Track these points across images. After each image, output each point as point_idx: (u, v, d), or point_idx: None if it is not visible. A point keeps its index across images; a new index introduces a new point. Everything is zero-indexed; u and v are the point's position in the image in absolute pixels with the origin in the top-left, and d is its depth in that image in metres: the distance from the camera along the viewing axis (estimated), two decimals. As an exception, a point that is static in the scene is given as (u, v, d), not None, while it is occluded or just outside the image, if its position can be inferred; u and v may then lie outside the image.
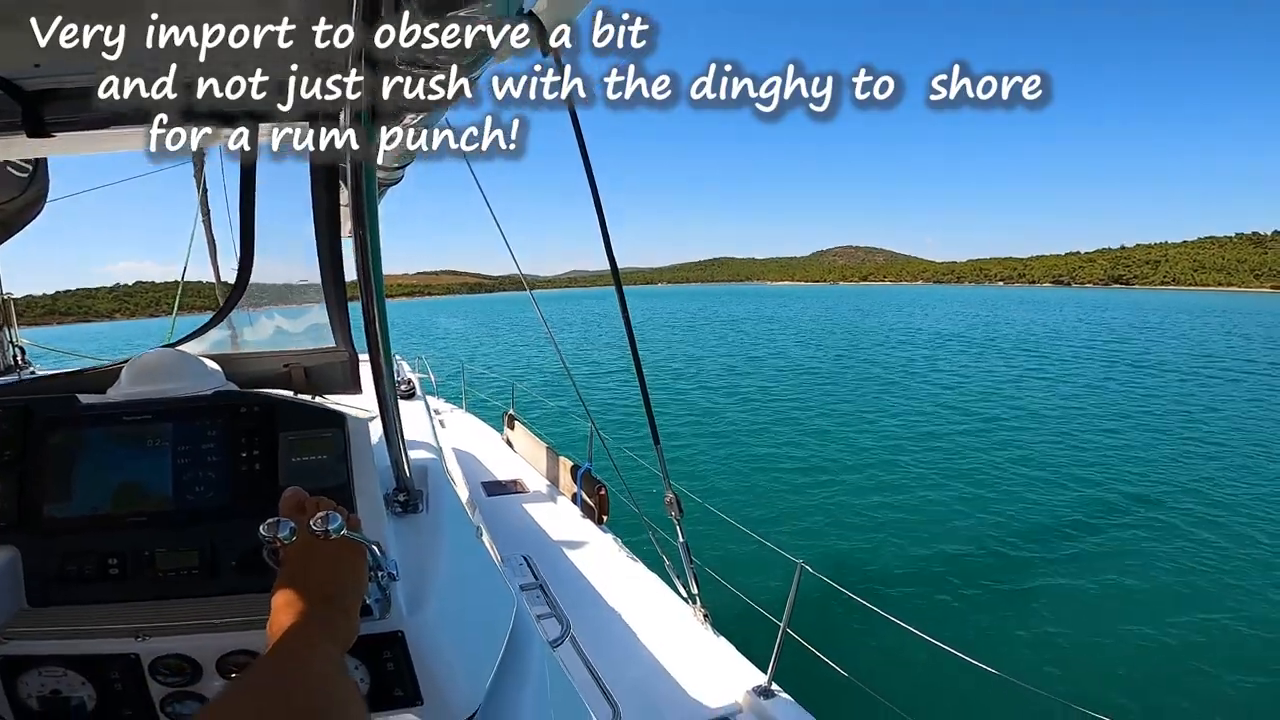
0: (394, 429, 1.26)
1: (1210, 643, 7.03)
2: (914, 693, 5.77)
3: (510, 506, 6.14)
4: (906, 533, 10.10)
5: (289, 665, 0.65)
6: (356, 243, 1.08)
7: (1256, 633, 7.23)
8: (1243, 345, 39.96)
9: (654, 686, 3.54)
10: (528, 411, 10.73)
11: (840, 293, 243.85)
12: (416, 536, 1.30)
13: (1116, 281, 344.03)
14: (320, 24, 0.95)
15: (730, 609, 4.72)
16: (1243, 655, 6.80)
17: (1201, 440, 16.00)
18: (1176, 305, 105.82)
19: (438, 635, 1.14)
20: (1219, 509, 11.07)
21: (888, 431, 16.91)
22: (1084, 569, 8.72)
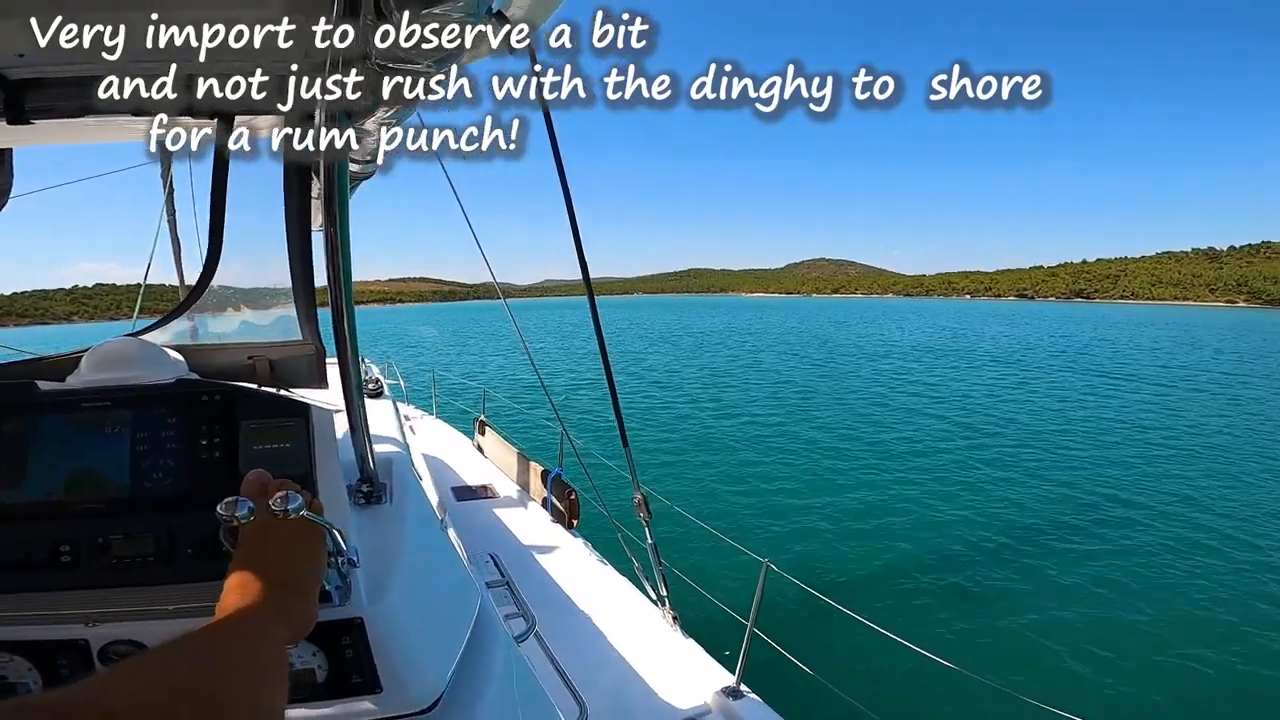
0: (359, 420, 1.28)
1: (1176, 642, 7.17)
2: (881, 692, 5.83)
3: (480, 511, 6.14)
4: (875, 533, 10.23)
5: (200, 641, 0.62)
6: (327, 239, 1.09)
7: (1225, 635, 7.40)
8: (1204, 357, 41.09)
9: (622, 687, 3.55)
10: (499, 418, 10.73)
11: (814, 305, 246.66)
12: (380, 526, 1.31)
13: (1078, 295, 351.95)
14: (292, 23, 0.94)
15: (700, 610, 4.76)
16: (1211, 655, 6.95)
17: (1167, 447, 16.45)
18: (1137, 319, 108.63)
19: (398, 624, 1.15)
20: (1186, 514, 11.37)
21: (859, 437, 17.08)
22: (1051, 570, 8.88)
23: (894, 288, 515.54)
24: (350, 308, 1.17)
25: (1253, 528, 10.83)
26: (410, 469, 1.57)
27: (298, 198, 1.47)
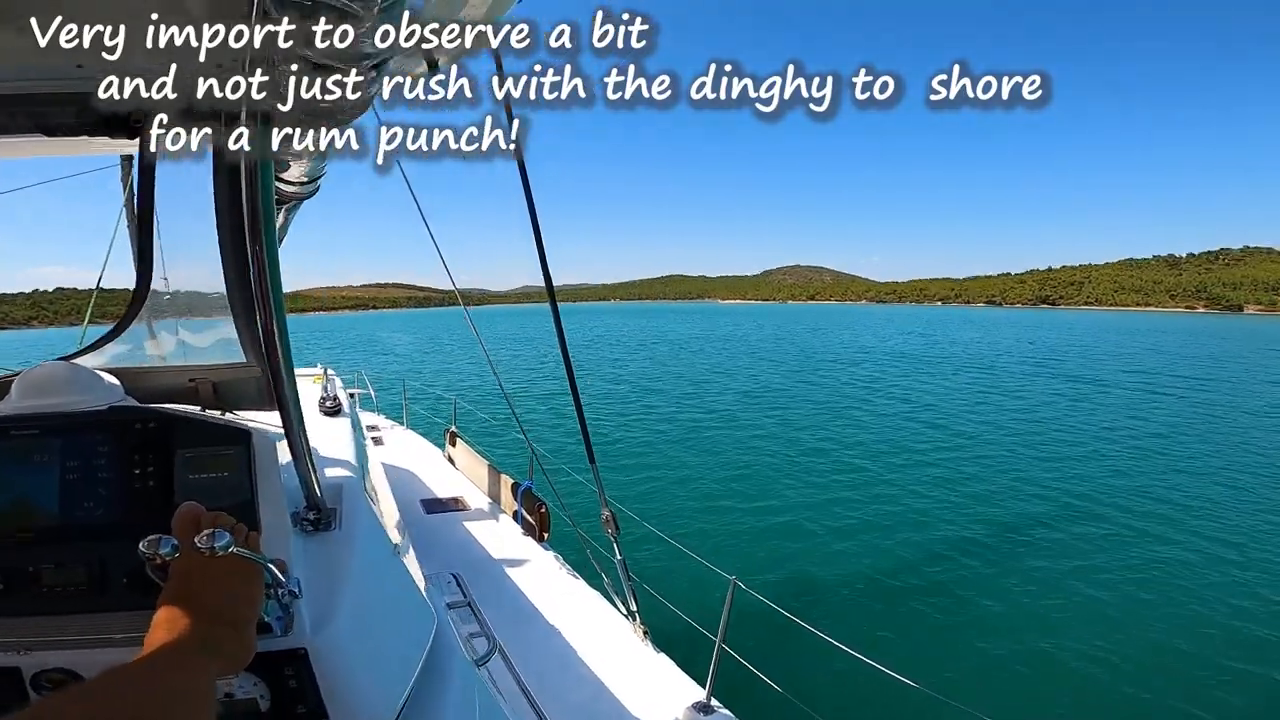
0: (300, 447, 1.26)
1: (1147, 654, 7.34)
2: (849, 710, 5.91)
3: (450, 524, 6.10)
4: (845, 548, 10.31)
5: (123, 676, 0.63)
6: (253, 257, 1.07)
7: (1189, 641, 7.62)
8: (1167, 362, 42.14)
9: (592, 704, 3.54)
10: (471, 429, 10.65)
11: (789, 311, 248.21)
12: (327, 554, 1.30)
13: (1044, 302, 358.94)
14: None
15: (670, 625, 4.74)
16: (1174, 663, 7.15)
17: (1133, 451, 16.89)
18: (1101, 325, 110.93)
19: (345, 652, 1.15)
20: (1152, 522, 11.60)
21: (831, 450, 17.25)
22: (1019, 585, 9.00)
23: (867, 294, 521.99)
24: (283, 329, 1.15)
25: (1217, 527, 11.16)
26: (362, 494, 1.56)
27: (230, 212, 1.44)
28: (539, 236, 2.98)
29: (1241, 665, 7.03)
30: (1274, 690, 6.64)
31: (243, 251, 1.44)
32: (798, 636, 3.90)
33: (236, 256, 1.47)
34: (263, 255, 1.06)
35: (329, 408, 3.03)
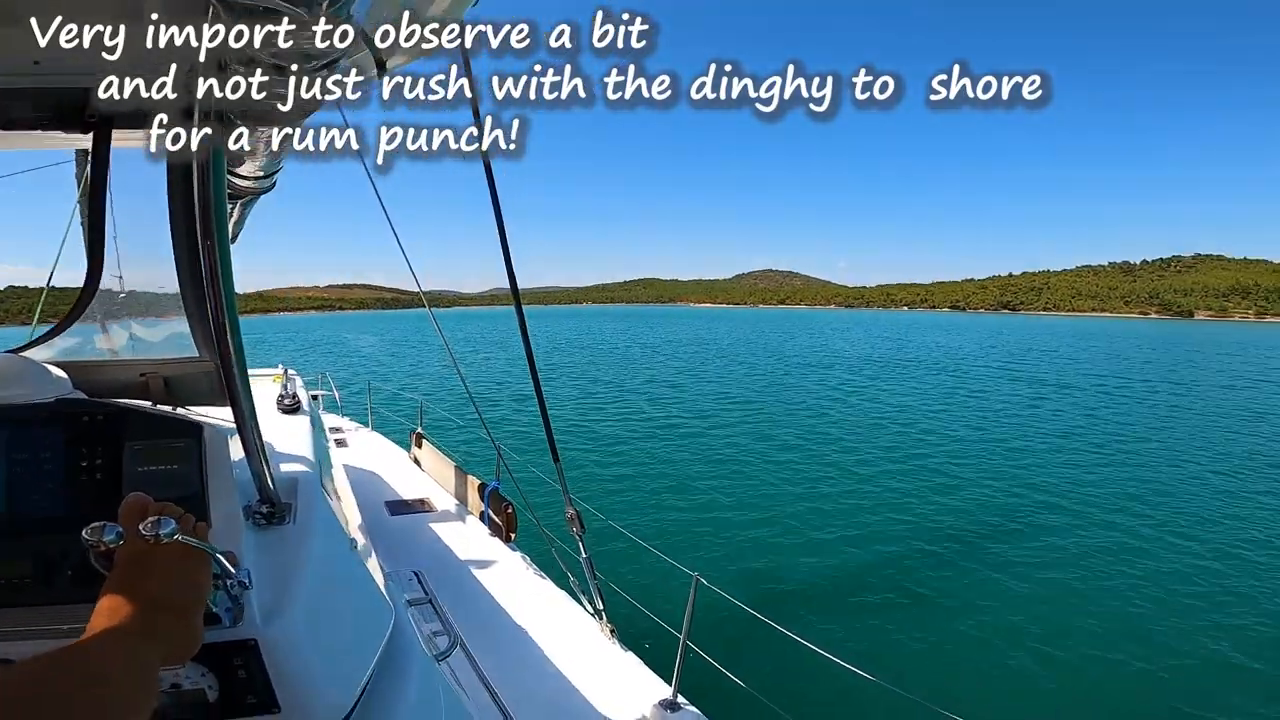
0: (252, 440, 1.26)
1: (1109, 646, 7.52)
2: (812, 705, 5.96)
3: (416, 525, 6.05)
4: (809, 545, 10.45)
5: (55, 659, 0.61)
6: (204, 251, 1.07)
7: (1152, 633, 7.87)
8: (1126, 367, 43.35)
9: (559, 702, 3.54)
10: (437, 430, 10.56)
11: (760, 315, 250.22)
12: (281, 548, 1.31)
13: (1005, 307, 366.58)
14: (159, 25, 0.92)
15: (637, 623, 4.77)
16: (1135, 655, 7.34)
17: (1094, 452, 17.31)
18: (1060, 330, 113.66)
19: (297, 644, 1.16)
20: (1116, 516, 11.93)
21: (796, 450, 17.45)
22: (979, 580, 9.19)
23: (836, 299, 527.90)
24: (235, 323, 1.16)
25: (1176, 524, 11.51)
26: (319, 489, 1.57)
27: (183, 206, 1.44)
28: (504, 237, 3.04)
29: (1200, 652, 7.28)
30: (1231, 675, 6.89)
31: (195, 245, 1.44)
32: (762, 633, 3.96)
33: (189, 250, 1.48)
34: (214, 249, 1.06)
35: (287, 405, 3.04)
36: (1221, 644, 7.50)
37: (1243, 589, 9.03)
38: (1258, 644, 7.52)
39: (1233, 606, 8.48)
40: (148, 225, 1.63)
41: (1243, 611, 8.33)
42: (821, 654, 3.50)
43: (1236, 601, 8.62)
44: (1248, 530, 11.41)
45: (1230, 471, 15.52)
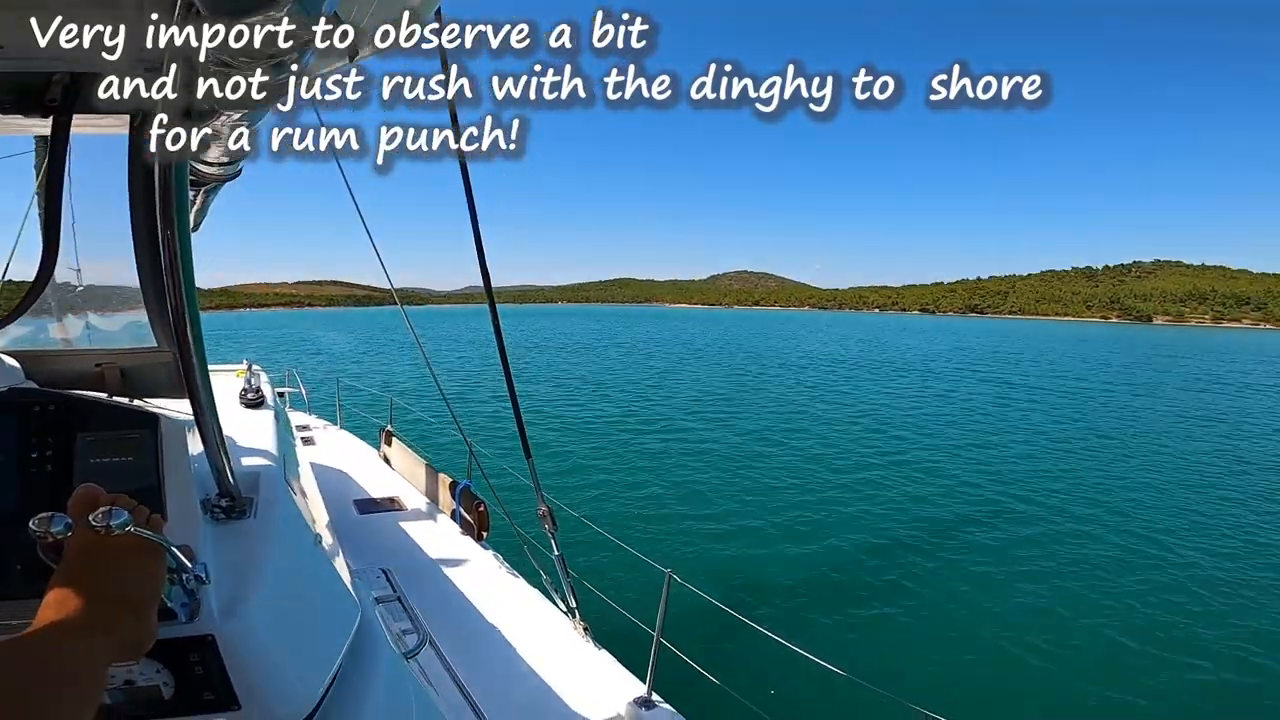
0: (211, 433, 1.25)
1: (1073, 637, 7.75)
2: (786, 700, 6.02)
3: (385, 524, 5.99)
4: (781, 541, 10.58)
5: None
6: (164, 239, 1.06)
7: (1114, 627, 8.09)
8: (1089, 369, 44.40)
9: (533, 700, 3.54)
10: (408, 429, 10.45)
11: (735, 316, 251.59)
12: (241, 542, 1.30)
13: (972, 310, 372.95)
14: (124, 21, 0.91)
15: (610, 621, 4.80)
16: (1100, 647, 7.58)
17: (1063, 456, 17.67)
18: (1026, 333, 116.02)
19: (257, 640, 1.15)
20: (1082, 510, 12.23)
21: (769, 449, 17.60)
22: (950, 576, 9.38)
23: (810, 300, 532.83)
24: (195, 314, 1.14)
25: (1138, 521, 11.84)
26: (281, 484, 1.56)
27: (143, 198, 1.42)
28: (478, 236, 3.08)
29: (1159, 648, 7.50)
30: (1188, 669, 7.10)
31: (154, 232, 1.42)
32: (736, 629, 4.00)
33: (149, 237, 1.46)
34: (174, 237, 1.05)
35: (250, 400, 3.02)
36: (1187, 632, 7.80)
37: (1205, 579, 9.38)
38: (1220, 635, 7.79)
39: (1197, 595, 8.80)
40: (107, 213, 1.61)
41: (1208, 600, 8.66)
42: (794, 650, 3.55)
43: (1200, 590, 8.95)
44: (1205, 521, 11.93)
45: (1187, 469, 16.12)
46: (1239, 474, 15.80)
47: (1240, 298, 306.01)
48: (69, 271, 1.94)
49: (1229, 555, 10.42)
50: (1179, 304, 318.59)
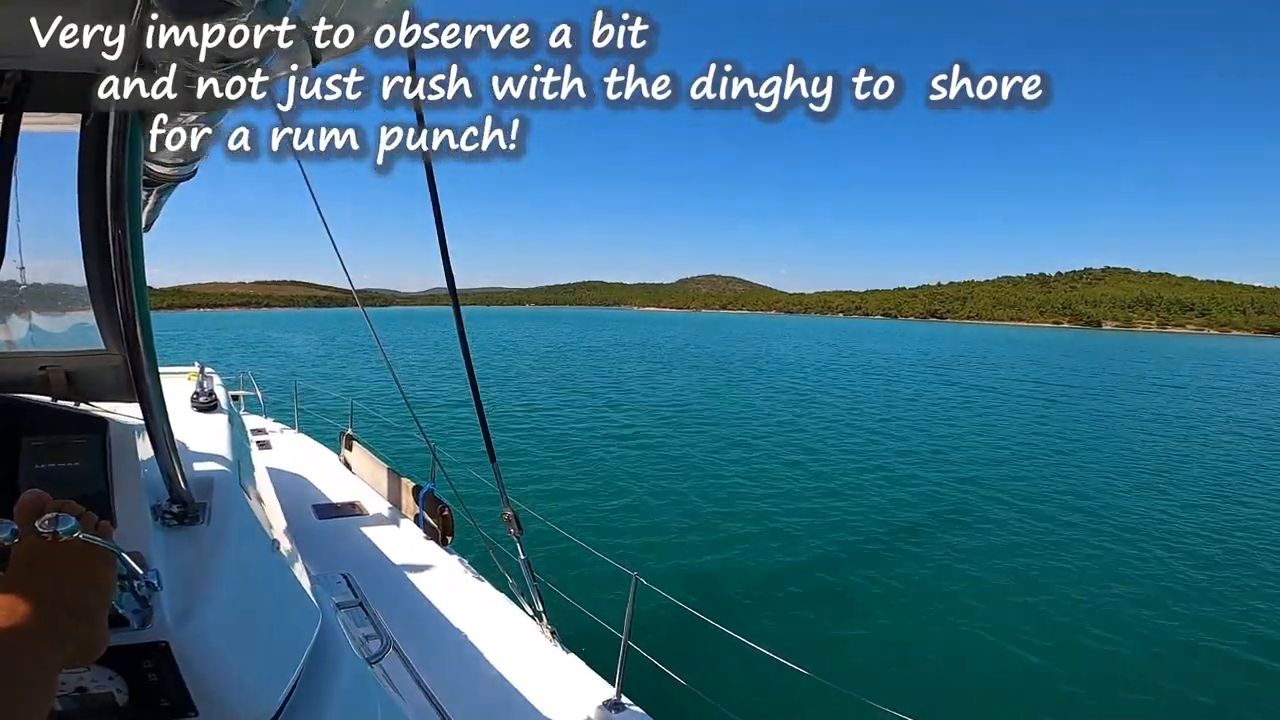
0: (162, 437, 1.24)
1: (1038, 634, 7.89)
2: (754, 701, 6.04)
3: (346, 529, 5.88)
4: (747, 546, 10.57)
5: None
6: (114, 239, 1.05)
7: (1076, 620, 8.28)
8: (1047, 372, 45.50)
9: (501, 704, 3.52)
10: (369, 432, 10.27)
11: (704, 320, 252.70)
12: (194, 548, 1.29)
13: (932, 315, 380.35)
14: (84, 23, 0.90)
15: (578, 624, 4.79)
16: (1060, 641, 7.73)
17: (1022, 457, 18.06)
18: (985, 337, 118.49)
19: (213, 647, 1.14)
20: (1042, 517, 12.45)
21: (732, 450, 17.70)
22: (913, 576, 9.50)
23: (776, 304, 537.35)
24: (145, 316, 1.13)
25: (1096, 519, 12.22)
26: (236, 489, 1.55)
27: (94, 197, 1.40)
28: (442, 237, 3.05)
29: (1119, 639, 7.71)
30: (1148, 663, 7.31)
31: (105, 232, 1.38)
32: (704, 631, 4.03)
33: (99, 237, 1.42)
34: (125, 237, 1.04)
35: (203, 404, 2.97)
36: (1146, 627, 8.02)
37: (1160, 573, 9.71)
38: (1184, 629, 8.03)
39: (1152, 591, 9.06)
40: (54, 212, 1.56)
41: (1166, 592, 8.96)
42: (761, 651, 3.58)
43: (1155, 587, 9.22)
44: (1158, 516, 12.38)
45: (1140, 468, 16.66)
46: (1198, 472, 16.42)
47: (1185, 304, 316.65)
48: (13, 270, 1.88)
49: (1192, 551, 10.78)
50: (1127, 310, 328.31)
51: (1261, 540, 11.27)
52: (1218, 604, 8.77)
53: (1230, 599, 8.91)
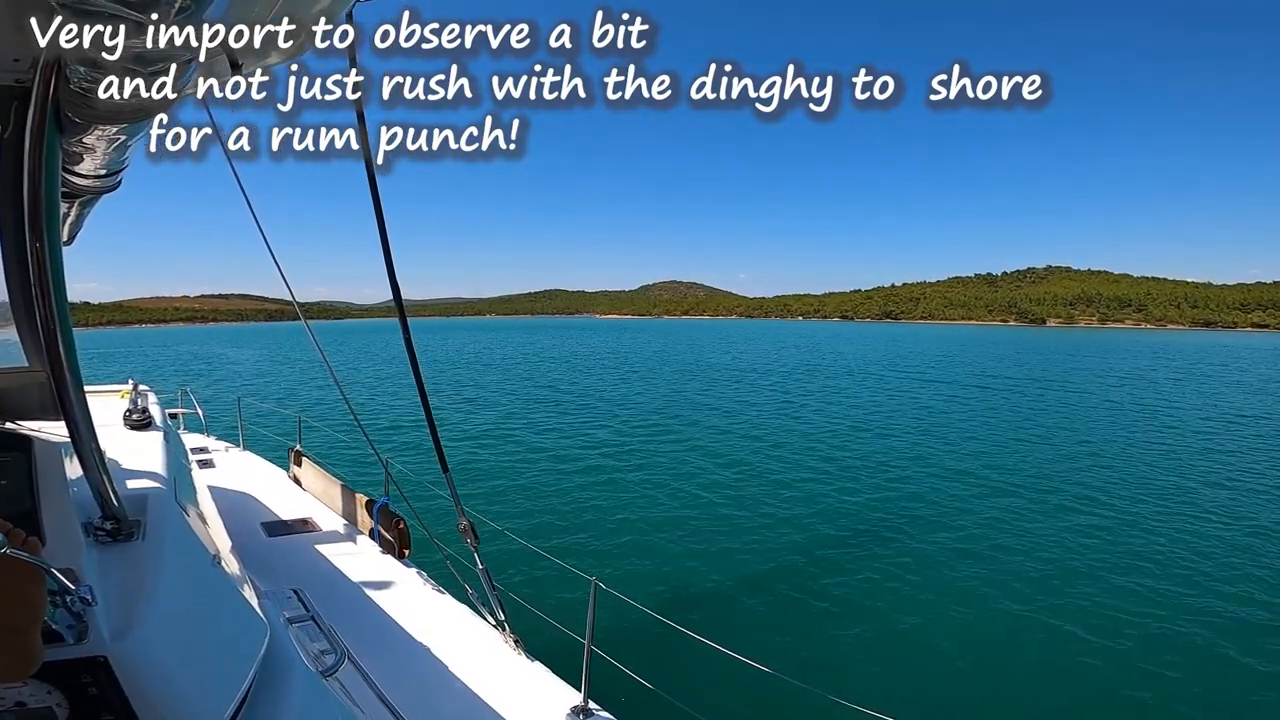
0: (90, 455, 1.23)
1: (1000, 632, 8.14)
2: (721, 703, 6.08)
3: (298, 546, 5.79)
4: (706, 548, 10.66)
5: None
6: (33, 253, 1.04)
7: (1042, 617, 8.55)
8: (1003, 367, 46.65)
9: (467, 715, 3.51)
10: (319, 448, 10.05)
11: (665, 325, 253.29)
12: (130, 564, 1.29)
13: (888, 316, 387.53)
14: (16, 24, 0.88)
15: (542, 632, 4.81)
16: (1034, 653, 7.88)
17: (987, 453, 18.46)
18: (938, 337, 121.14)
19: (155, 661, 1.15)
20: (1009, 510, 12.76)
21: (690, 451, 17.94)
22: (876, 576, 9.66)
23: (737, 309, 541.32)
24: (68, 331, 1.11)
25: (1061, 514, 12.60)
26: (173, 505, 1.55)
27: (11, 210, 1.37)
28: (385, 244, 3.05)
29: (1095, 635, 7.99)
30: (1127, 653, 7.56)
31: (24, 248, 1.37)
32: (666, 634, 4.07)
33: (18, 251, 1.40)
34: (44, 251, 1.03)
35: (136, 421, 2.96)
36: (1116, 625, 8.28)
37: (1129, 566, 10.06)
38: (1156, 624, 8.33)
39: (1124, 586, 9.43)
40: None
41: (1140, 589, 9.28)
42: (724, 651, 3.61)
43: (1127, 581, 9.58)
44: (1119, 506, 12.89)
45: (1099, 457, 17.37)
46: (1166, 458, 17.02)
47: (1123, 300, 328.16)
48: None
49: (1167, 539, 11.24)
50: (1069, 307, 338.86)
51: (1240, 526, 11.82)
52: (1188, 588, 9.17)
53: (1201, 584, 9.32)
